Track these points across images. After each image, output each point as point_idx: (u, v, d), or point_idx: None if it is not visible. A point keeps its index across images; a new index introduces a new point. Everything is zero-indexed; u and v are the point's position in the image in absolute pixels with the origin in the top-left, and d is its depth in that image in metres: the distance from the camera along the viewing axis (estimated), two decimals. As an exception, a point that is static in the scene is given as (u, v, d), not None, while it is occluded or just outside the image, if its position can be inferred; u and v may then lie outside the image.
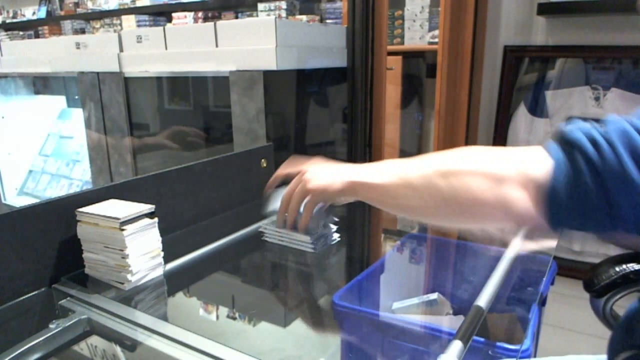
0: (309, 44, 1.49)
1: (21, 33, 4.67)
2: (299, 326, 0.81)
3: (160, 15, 3.63)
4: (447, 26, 2.04)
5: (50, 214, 0.83)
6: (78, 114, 2.15)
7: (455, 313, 0.84)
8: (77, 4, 4.10)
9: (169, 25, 3.43)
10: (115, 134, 1.82)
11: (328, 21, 2.79)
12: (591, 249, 1.90)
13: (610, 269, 0.90)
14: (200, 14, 3.35)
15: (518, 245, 0.82)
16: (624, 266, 0.87)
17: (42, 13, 4.42)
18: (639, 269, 0.86)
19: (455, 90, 2.20)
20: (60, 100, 2.41)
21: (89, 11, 4.01)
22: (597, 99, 2.05)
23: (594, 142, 0.47)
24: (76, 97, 2.19)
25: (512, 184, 0.51)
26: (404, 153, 2.60)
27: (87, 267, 0.86)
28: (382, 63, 1.73)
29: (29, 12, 4.54)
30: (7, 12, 4.73)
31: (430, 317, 0.83)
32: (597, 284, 0.89)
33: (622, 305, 0.87)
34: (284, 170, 0.91)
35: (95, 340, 0.75)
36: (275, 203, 0.93)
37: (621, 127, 0.47)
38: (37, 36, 4.47)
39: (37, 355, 0.68)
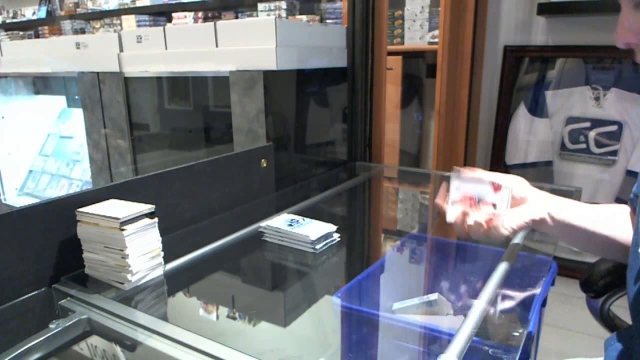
0: (309, 44, 1.49)
1: (21, 33, 4.67)
2: (299, 326, 0.81)
3: (160, 15, 3.63)
4: (447, 26, 2.04)
5: (50, 214, 0.83)
6: (78, 114, 2.15)
7: (456, 313, 0.84)
8: (77, 4, 4.10)
9: (169, 25, 3.43)
10: (116, 134, 1.82)
11: (328, 21, 2.79)
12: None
13: (607, 268, 0.89)
14: (200, 14, 3.35)
15: (518, 246, 0.82)
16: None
17: (42, 13, 4.42)
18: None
19: (455, 90, 2.20)
20: (60, 100, 2.41)
21: (89, 11, 4.01)
22: (597, 99, 2.05)
23: None
24: (76, 97, 2.19)
25: None
26: (404, 153, 2.60)
27: (87, 267, 0.86)
28: (382, 63, 1.73)
29: (29, 12, 4.54)
30: (7, 12, 4.73)
31: (431, 317, 0.83)
32: (594, 284, 0.89)
33: (619, 305, 0.86)
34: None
35: (95, 340, 0.75)
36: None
37: None
38: (37, 36, 4.47)
39: (37, 355, 0.68)
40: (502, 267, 0.81)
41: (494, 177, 0.82)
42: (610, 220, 0.79)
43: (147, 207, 0.84)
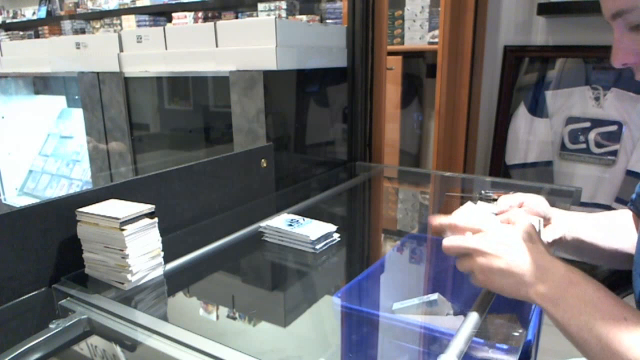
0: (309, 44, 1.49)
1: (21, 33, 4.67)
2: (299, 326, 0.81)
3: (160, 15, 3.63)
4: (447, 26, 2.04)
5: (50, 214, 0.83)
6: (78, 114, 2.15)
7: (456, 313, 0.84)
8: (77, 4, 4.10)
9: (169, 25, 3.43)
10: (115, 134, 1.82)
11: (328, 21, 2.79)
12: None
13: (610, 268, 0.89)
14: (200, 14, 3.35)
15: None
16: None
17: (42, 13, 4.42)
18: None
19: (455, 90, 2.20)
20: (60, 100, 2.41)
21: (89, 11, 4.01)
22: (597, 99, 2.05)
23: None
24: (76, 97, 2.19)
25: None
26: (404, 153, 2.60)
27: (87, 267, 0.86)
28: (382, 63, 1.73)
29: (29, 12, 4.54)
30: (7, 12, 4.73)
31: (431, 317, 0.83)
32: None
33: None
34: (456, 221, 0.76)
35: (95, 340, 0.75)
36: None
37: None
38: (37, 36, 4.47)
39: (37, 355, 0.68)
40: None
41: (517, 197, 0.82)
42: (617, 231, 0.82)
43: (147, 207, 0.84)
